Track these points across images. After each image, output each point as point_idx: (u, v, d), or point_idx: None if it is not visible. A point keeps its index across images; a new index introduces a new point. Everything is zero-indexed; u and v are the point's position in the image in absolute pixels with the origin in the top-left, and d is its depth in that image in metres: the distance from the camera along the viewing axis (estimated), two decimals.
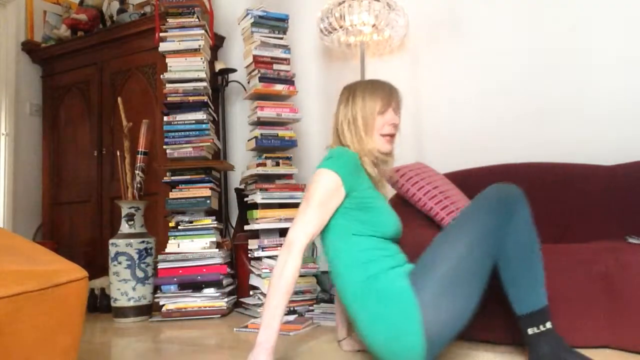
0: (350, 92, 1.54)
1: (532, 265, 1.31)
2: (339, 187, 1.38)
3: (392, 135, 1.50)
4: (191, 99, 2.60)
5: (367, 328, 1.33)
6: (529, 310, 1.31)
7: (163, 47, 2.62)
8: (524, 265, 1.30)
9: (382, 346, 1.31)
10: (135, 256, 2.52)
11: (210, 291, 2.48)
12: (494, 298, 1.38)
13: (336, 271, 1.43)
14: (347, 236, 1.40)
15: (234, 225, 3.07)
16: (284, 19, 2.64)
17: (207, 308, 2.45)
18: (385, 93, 1.50)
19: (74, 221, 3.35)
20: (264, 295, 2.35)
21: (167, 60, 2.61)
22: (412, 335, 1.25)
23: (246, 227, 2.59)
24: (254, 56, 2.57)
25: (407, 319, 1.25)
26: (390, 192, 2.64)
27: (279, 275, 1.31)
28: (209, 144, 2.60)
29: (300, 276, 2.41)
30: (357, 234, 1.40)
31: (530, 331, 1.31)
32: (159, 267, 2.49)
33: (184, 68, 2.60)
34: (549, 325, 1.30)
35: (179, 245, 2.53)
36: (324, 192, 1.38)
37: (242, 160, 3.17)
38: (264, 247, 2.47)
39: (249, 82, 2.69)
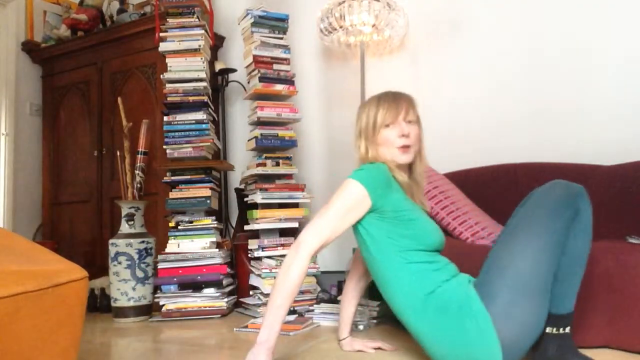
0: (361, 108, 1.54)
1: (577, 269, 1.29)
2: (364, 199, 1.36)
3: (406, 147, 1.45)
4: (191, 99, 2.60)
5: (435, 344, 1.30)
6: (557, 312, 1.28)
7: (163, 47, 2.62)
8: (570, 267, 1.27)
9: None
10: (135, 256, 2.52)
11: (210, 291, 2.48)
12: None
13: (389, 290, 1.40)
14: (394, 254, 1.37)
15: (234, 225, 3.07)
16: (284, 19, 2.64)
17: (207, 308, 2.45)
18: (391, 105, 1.47)
19: (74, 221, 3.35)
20: (264, 295, 2.35)
21: (167, 60, 2.61)
22: (488, 349, 1.21)
23: (246, 227, 2.59)
24: (254, 56, 2.57)
25: (480, 332, 1.21)
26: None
27: (284, 275, 1.29)
28: (209, 144, 2.60)
29: None
30: (405, 250, 1.37)
31: (547, 329, 1.28)
32: (159, 267, 2.49)
33: (184, 68, 2.60)
34: (568, 330, 1.28)
35: (179, 245, 2.53)
36: (345, 202, 1.36)
37: (242, 160, 3.17)
38: (264, 247, 2.47)
39: (249, 82, 2.69)
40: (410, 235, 1.38)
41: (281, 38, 2.64)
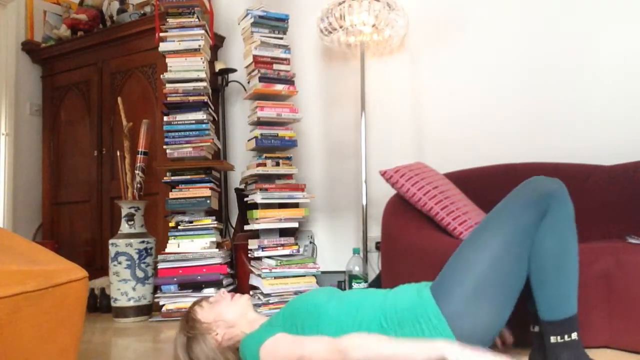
0: (185, 344, 1.36)
1: (566, 270, 1.19)
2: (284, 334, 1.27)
3: (231, 293, 1.44)
4: (191, 99, 2.60)
5: None
6: (556, 317, 1.19)
7: (163, 47, 2.62)
8: (557, 268, 1.19)
9: None
10: (135, 256, 2.52)
11: (210, 291, 2.47)
12: None
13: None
14: (319, 320, 1.27)
15: (234, 225, 3.07)
16: (284, 19, 2.64)
17: None
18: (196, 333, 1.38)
19: (74, 221, 3.35)
20: (264, 295, 2.35)
21: (167, 60, 2.61)
22: None
23: (246, 227, 2.59)
24: (254, 56, 2.57)
25: (436, 332, 1.15)
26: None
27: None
28: (209, 144, 2.60)
29: (300, 276, 2.41)
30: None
31: (552, 339, 1.19)
32: (159, 267, 2.49)
33: (184, 68, 2.60)
34: (575, 336, 1.18)
35: (179, 245, 2.53)
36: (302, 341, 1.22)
37: (242, 160, 3.18)
38: (264, 247, 2.47)
39: (249, 82, 2.69)
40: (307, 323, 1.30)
41: (281, 38, 2.64)
